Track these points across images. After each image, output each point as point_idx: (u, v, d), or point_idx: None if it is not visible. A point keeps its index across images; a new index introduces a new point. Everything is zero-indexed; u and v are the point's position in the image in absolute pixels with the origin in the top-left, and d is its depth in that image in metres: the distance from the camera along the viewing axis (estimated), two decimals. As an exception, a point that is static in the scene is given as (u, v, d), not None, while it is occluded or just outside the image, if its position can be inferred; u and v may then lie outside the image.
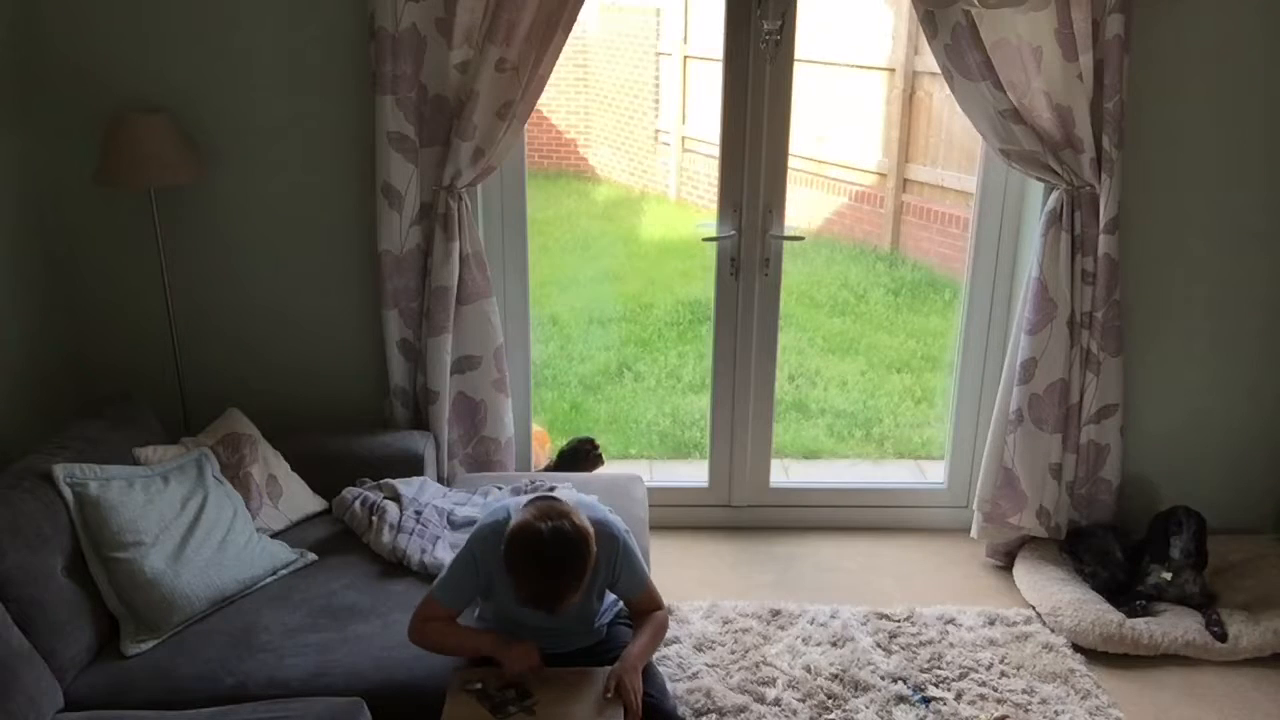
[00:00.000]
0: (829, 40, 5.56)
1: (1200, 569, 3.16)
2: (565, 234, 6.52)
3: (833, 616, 3.15)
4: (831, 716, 2.74)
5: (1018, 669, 2.94)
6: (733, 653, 2.99)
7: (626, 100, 6.98)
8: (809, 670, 2.91)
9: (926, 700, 2.81)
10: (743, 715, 2.73)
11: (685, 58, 6.44)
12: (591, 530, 2.11)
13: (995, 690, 2.85)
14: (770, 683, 2.86)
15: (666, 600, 3.18)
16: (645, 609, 2.37)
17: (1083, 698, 2.83)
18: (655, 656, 2.84)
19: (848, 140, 5.94)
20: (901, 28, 5.40)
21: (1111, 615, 3.04)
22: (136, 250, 3.20)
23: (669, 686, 2.77)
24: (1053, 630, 3.10)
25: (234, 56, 3.05)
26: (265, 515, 2.84)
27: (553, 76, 3.01)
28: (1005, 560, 3.48)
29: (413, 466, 3.06)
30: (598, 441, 3.63)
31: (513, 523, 2.10)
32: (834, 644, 3.02)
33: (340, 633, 2.45)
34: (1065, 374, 3.23)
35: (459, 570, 2.26)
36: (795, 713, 2.75)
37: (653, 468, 4.38)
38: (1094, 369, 3.22)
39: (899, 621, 3.14)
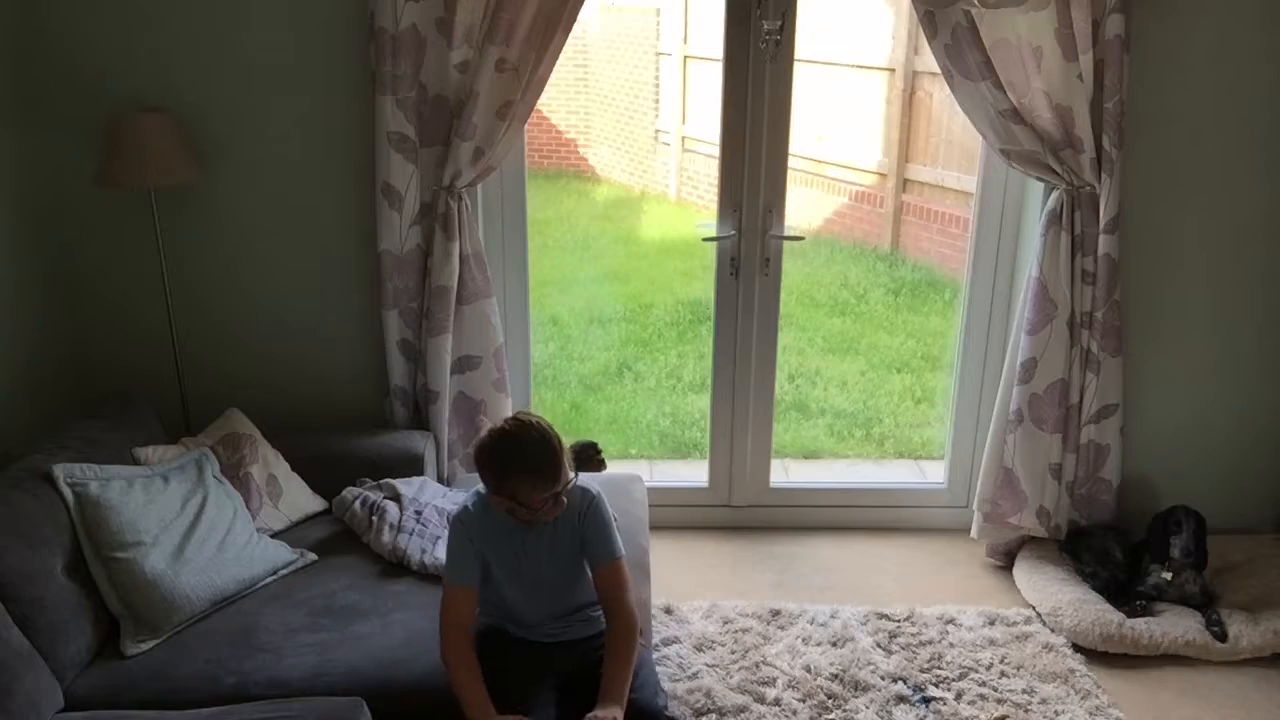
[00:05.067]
0: (829, 40, 5.56)
1: (1200, 569, 3.16)
2: (565, 234, 6.52)
3: (833, 616, 3.15)
4: (831, 716, 2.74)
5: (1018, 669, 2.94)
6: (733, 653, 2.98)
7: (626, 100, 6.98)
8: (809, 670, 2.91)
9: (926, 700, 2.81)
10: (743, 715, 2.73)
11: (685, 58, 6.44)
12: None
13: (995, 690, 2.85)
14: (770, 683, 2.86)
15: (666, 600, 3.20)
16: (613, 597, 2.28)
17: (1083, 698, 2.83)
18: (655, 656, 2.85)
19: (848, 140, 5.93)
20: (901, 28, 5.39)
21: (1111, 615, 3.04)
22: (136, 250, 3.20)
23: (666, 686, 2.77)
24: (1053, 630, 3.10)
25: (234, 56, 3.05)
26: (265, 515, 2.84)
27: (553, 76, 3.01)
28: (1005, 560, 3.48)
29: (413, 466, 3.06)
30: (600, 445, 3.62)
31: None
32: (834, 644, 3.02)
33: (340, 633, 2.45)
34: (1065, 374, 3.23)
35: (452, 547, 2.30)
36: (795, 713, 2.75)
37: (653, 468, 4.37)
38: (1094, 369, 3.22)
39: (899, 621, 3.14)
